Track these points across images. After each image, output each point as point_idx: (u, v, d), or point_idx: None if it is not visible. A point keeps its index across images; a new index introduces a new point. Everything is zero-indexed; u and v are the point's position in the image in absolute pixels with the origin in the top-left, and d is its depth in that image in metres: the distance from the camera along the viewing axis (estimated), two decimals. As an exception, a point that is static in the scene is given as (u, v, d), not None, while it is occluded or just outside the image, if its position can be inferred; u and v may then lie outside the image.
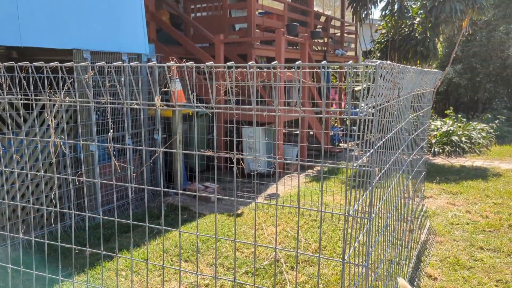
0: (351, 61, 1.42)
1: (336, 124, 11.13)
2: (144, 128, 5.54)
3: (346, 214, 1.56)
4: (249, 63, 1.60)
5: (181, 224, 4.70)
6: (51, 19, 4.33)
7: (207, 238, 4.25)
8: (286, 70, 6.01)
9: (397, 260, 3.46)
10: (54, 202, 4.10)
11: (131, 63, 1.78)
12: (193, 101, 1.70)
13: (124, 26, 5.23)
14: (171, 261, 3.78)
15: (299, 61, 1.55)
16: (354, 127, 2.60)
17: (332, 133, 9.37)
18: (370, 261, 2.22)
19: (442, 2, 8.57)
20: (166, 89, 4.84)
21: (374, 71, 1.42)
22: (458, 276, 3.54)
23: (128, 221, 2.01)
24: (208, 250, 4.03)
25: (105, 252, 2.12)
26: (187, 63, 1.63)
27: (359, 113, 1.45)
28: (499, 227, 4.62)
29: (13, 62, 1.99)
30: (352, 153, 3.12)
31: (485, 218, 4.89)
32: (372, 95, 1.42)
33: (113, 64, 1.82)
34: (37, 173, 2.22)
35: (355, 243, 1.74)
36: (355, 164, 2.51)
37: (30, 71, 1.89)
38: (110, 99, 1.95)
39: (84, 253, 1.97)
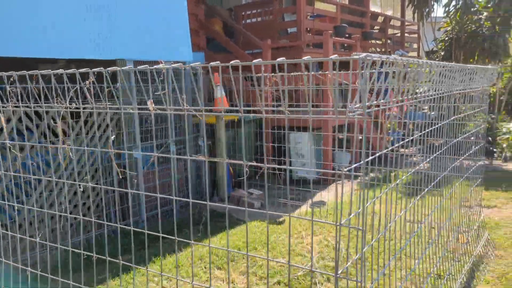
0: (336, 55, 1.27)
1: (396, 129, 10.57)
2: (188, 135, 5.61)
3: (337, 224, 1.40)
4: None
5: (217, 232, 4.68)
6: (93, 32, 4.53)
7: (243, 246, 4.17)
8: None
9: (437, 273, 3.15)
10: (92, 208, 4.25)
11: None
12: (201, 105, 1.63)
13: (168, 35, 5.35)
14: (205, 268, 3.75)
15: (282, 59, 1.42)
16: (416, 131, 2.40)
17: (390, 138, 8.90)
18: (378, 276, 2.01)
19: (513, -7, 7.86)
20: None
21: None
22: (517, 296, 3.13)
23: (158, 234, 1.95)
24: (243, 258, 3.95)
25: (123, 262, 2.11)
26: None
27: (347, 114, 1.29)
28: None
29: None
30: (412, 159, 2.89)
31: (558, 231, 4.32)
32: (359, 94, 1.25)
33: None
34: (67, 181, 2.27)
35: (356, 256, 1.56)
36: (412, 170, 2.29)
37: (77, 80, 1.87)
38: (138, 107, 1.93)
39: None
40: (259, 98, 1.42)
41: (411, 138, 2.19)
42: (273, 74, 5.04)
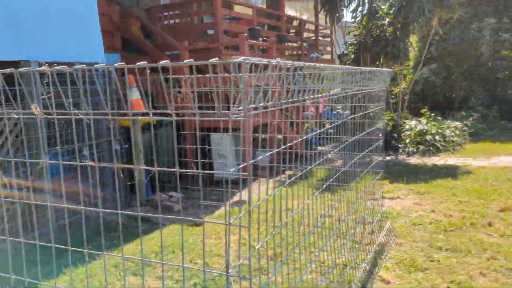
0: (216, 58, 1.34)
1: (314, 128, 11.07)
2: (103, 139, 5.42)
3: (227, 223, 1.48)
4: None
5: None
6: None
7: (160, 250, 4.14)
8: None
9: (344, 263, 3.39)
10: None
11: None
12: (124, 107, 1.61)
13: (78, 36, 5.13)
14: (119, 275, 3.67)
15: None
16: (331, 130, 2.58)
17: (306, 137, 9.30)
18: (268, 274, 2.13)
19: (410, 1, 8.57)
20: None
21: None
22: (411, 278, 3.47)
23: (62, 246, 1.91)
24: (159, 264, 3.93)
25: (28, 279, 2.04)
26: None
27: (230, 115, 1.37)
28: (461, 225, 4.56)
29: None
30: (329, 156, 3.06)
31: (449, 217, 4.83)
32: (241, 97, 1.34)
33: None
34: None
35: (251, 252, 1.65)
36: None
37: None
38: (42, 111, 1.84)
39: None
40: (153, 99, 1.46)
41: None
42: (189, 76, 5.05)
